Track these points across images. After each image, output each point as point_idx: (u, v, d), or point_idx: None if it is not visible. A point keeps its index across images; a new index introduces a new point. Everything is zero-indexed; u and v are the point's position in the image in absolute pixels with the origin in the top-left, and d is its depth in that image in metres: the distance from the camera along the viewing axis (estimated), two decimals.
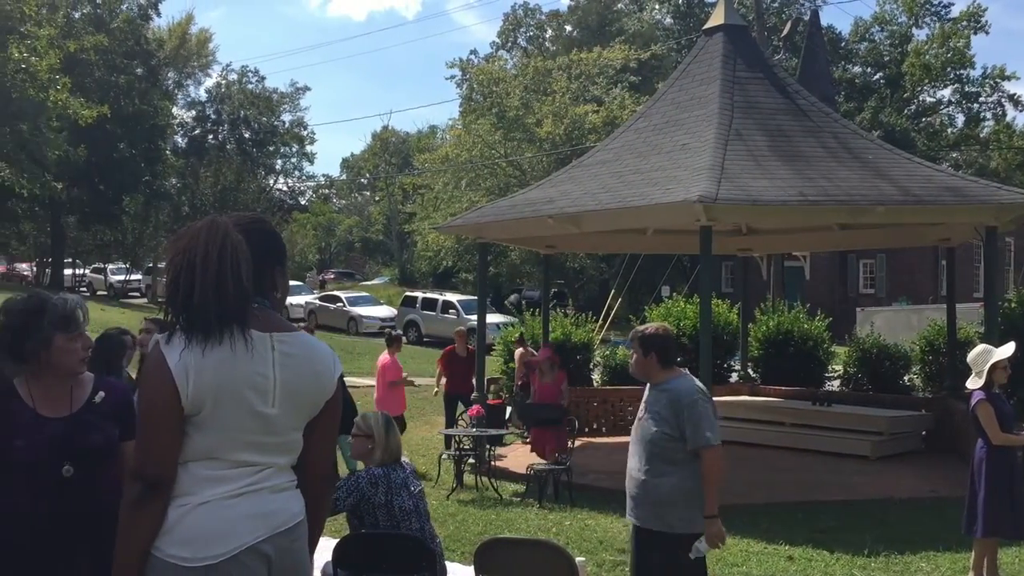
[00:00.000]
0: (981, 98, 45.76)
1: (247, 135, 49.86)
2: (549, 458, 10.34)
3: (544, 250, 15.00)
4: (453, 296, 32.94)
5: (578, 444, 11.23)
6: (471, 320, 22.95)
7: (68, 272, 42.82)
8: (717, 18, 12.76)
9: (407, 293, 35.66)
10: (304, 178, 59.47)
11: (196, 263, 2.44)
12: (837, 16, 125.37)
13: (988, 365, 6.28)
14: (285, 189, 57.55)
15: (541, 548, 4.62)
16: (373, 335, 31.43)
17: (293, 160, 55.79)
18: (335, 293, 37.43)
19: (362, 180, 72.75)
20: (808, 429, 12.44)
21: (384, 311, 34.18)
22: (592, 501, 9.58)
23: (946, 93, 46.61)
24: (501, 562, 4.49)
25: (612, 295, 26.20)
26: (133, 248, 43.91)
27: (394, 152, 66.51)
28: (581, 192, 11.33)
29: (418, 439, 13.26)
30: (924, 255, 32.64)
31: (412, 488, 4.66)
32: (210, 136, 49.00)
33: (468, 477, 10.77)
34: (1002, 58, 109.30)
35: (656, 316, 14.71)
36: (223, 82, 50.18)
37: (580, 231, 11.79)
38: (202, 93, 55.88)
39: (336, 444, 2.90)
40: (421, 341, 29.56)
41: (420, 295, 33.62)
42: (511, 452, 12.25)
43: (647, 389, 4.90)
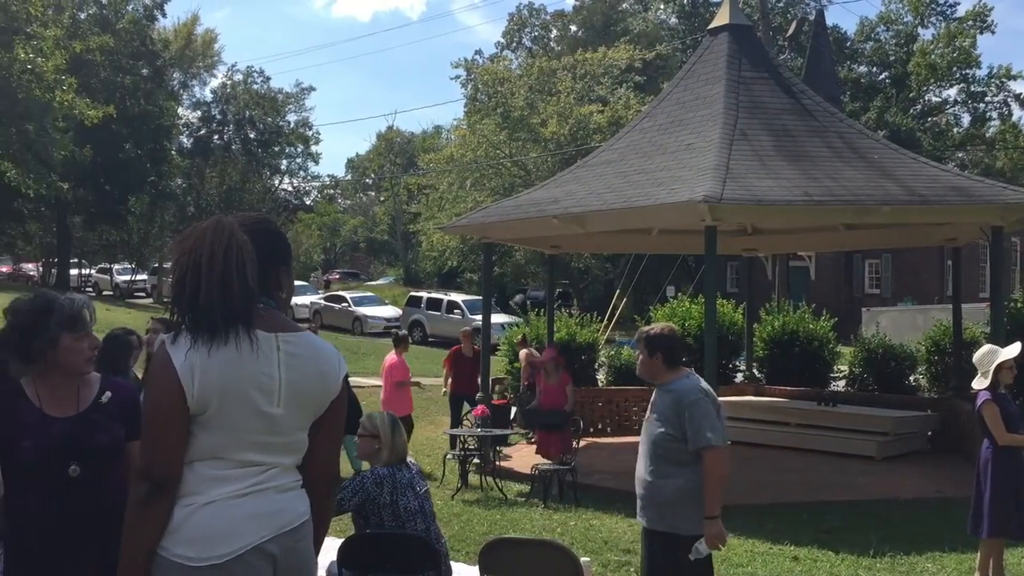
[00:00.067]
0: (987, 98, 45.64)
1: (252, 135, 50.03)
2: (554, 459, 10.35)
3: (549, 250, 14.99)
4: (458, 296, 32.94)
5: (583, 444, 11.23)
6: (476, 320, 22.96)
7: (74, 272, 42.90)
8: (722, 18, 12.75)
9: (412, 293, 35.67)
10: (309, 178, 59.71)
11: (202, 263, 2.45)
12: (842, 16, 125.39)
13: (994, 365, 6.27)
14: (290, 189, 57.75)
15: (546, 548, 4.62)
16: (378, 335, 31.46)
17: (298, 160, 56.03)
18: (340, 293, 37.44)
19: (367, 180, 72.75)
20: (813, 429, 12.43)
21: (389, 311, 34.19)
22: (597, 501, 9.59)
23: (952, 93, 46.54)
24: (506, 562, 4.49)
25: (617, 295, 26.19)
26: (139, 248, 43.97)
27: (399, 152, 66.51)
28: (586, 192, 11.33)
29: (423, 439, 13.27)
30: (930, 255, 32.58)
31: (418, 488, 4.66)
32: (215, 136, 49.17)
33: (473, 477, 10.78)
34: (1008, 57, 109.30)
35: (661, 316, 14.70)
36: (228, 82, 50.39)
37: (585, 231, 11.79)
38: (207, 93, 55.98)
39: (341, 444, 2.90)
40: (426, 341, 29.57)
41: (425, 295, 33.64)
42: (516, 452, 12.25)
43: (655, 390, 4.90)
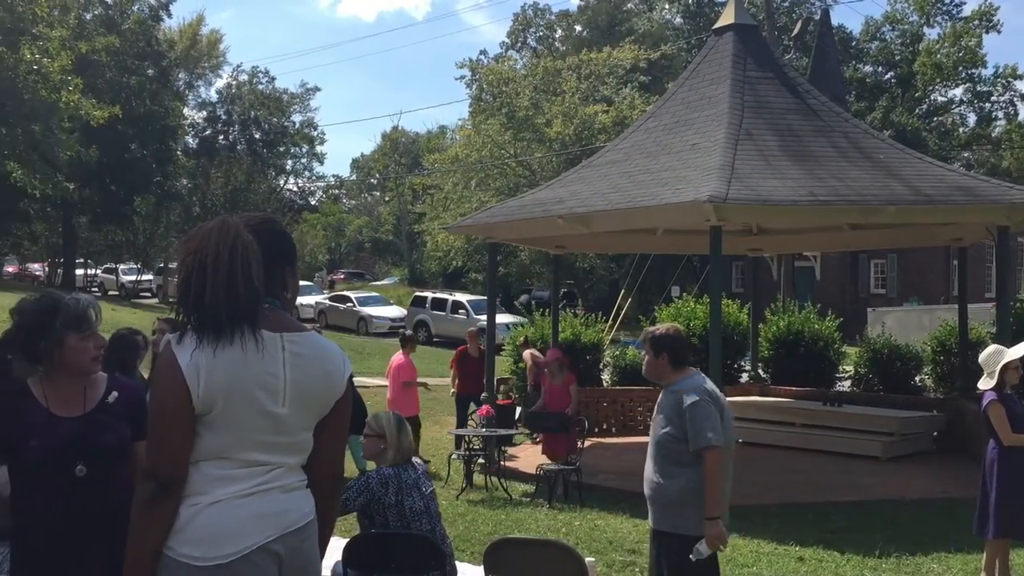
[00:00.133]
0: (993, 97, 45.62)
1: (257, 136, 50.02)
2: (559, 460, 10.33)
3: (554, 250, 14.99)
4: (463, 296, 32.97)
5: (588, 445, 11.22)
6: (480, 320, 22.97)
7: (80, 272, 43.01)
8: (727, 18, 12.74)
9: (417, 293, 35.71)
10: (314, 178, 59.55)
11: (207, 263, 2.45)
12: (848, 15, 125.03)
13: (1000, 366, 6.25)
14: (295, 189, 57.67)
15: (551, 548, 4.62)
16: (383, 335, 31.50)
17: (303, 160, 55.92)
18: (345, 293, 37.48)
19: (372, 180, 72.80)
20: (819, 430, 12.40)
21: (394, 311, 34.22)
22: (602, 501, 9.58)
23: (958, 92, 46.51)
24: (511, 562, 4.49)
25: (622, 295, 26.15)
26: (144, 248, 44.07)
27: (404, 152, 66.56)
28: (591, 192, 11.32)
29: (428, 439, 13.25)
30: (936, 255, 32.50)
31: (423, 489, 4.65)
32: (221, 137, 49.16)
33: (478, 477, 10.78)
34: (1014, 57, 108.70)
35: (666, 316, 14.69)
36: (234, 83, 50.37)
37: (590, 231, 11.78)
38: (213, 94, 56.15)
39: (346, 444, 2.90)
40: (431, 341, 29.58)
41: (430, 295, 33.66)
42: (521, 452, 12.25)
43: (662, 390, 4.89)
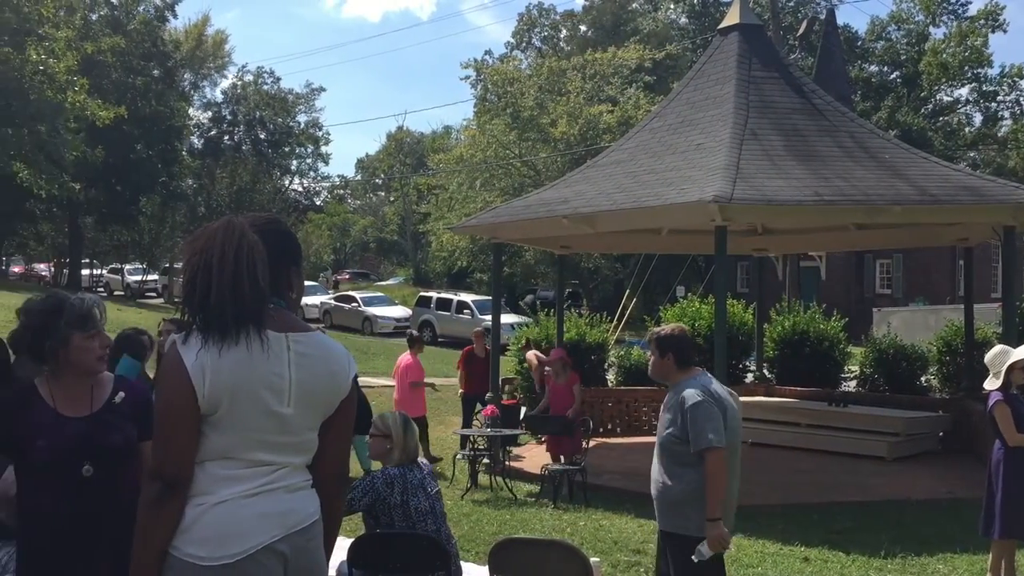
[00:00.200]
0: (999, 97, 45.46)
1: (263, 136, 50.12)
2: (564, 460, 10.33)
3: (559, 250, 14.98)
4: (467, 296, 32.96)
5: (592, 444, 11.21)
6: (485, 320, 22.97)
7: (85, 272, 43.08)
8: (732, 17, 12.73)
9: (422, 293, 35.70)
10: (319, 179, 59.78)
11: (212, 263, 2.45)
12: (853, 15, 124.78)
13: (1006, 366, 6.24)
14: (300, 190, 57.84)
15: (555, 548, 4.61)
16: (388, 335, 31.52)
17: (308, 161, 56.05)
18: (350, 293, 37.51)
19: (377, 180, 72.90)
20: (824, 430, 12.38)
21: (399, 311, 34.24)
22: (606, 501, 9.57)
23: (963, 92, 46.39)
24: (515, 562, 4.49)
25: (627, 295, 26.14)
26: (150, 248, 44.16)
27: (409, 152, 66.62)
28: (596, 192, 11.32)
29: (433, 439, 13.24)
30: (941, 255, 32.44)
31: (429, 489, 4.65)
32: (226, 137, 49.27)
33: (483, 477, 10.78)
34: (1020, 57, 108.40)
35: (671, 316, 14.67)
36: (239, 83, 50.51)
37: (595, 231, 11.78)
38: (218, 94, 56.39)
39: (350, 444, 2.90)
40: (436, 341, 29.58)
41: (435, 295, 33.66)
42: (526, 452, 12.25)
43: (668, 390, 4.88)
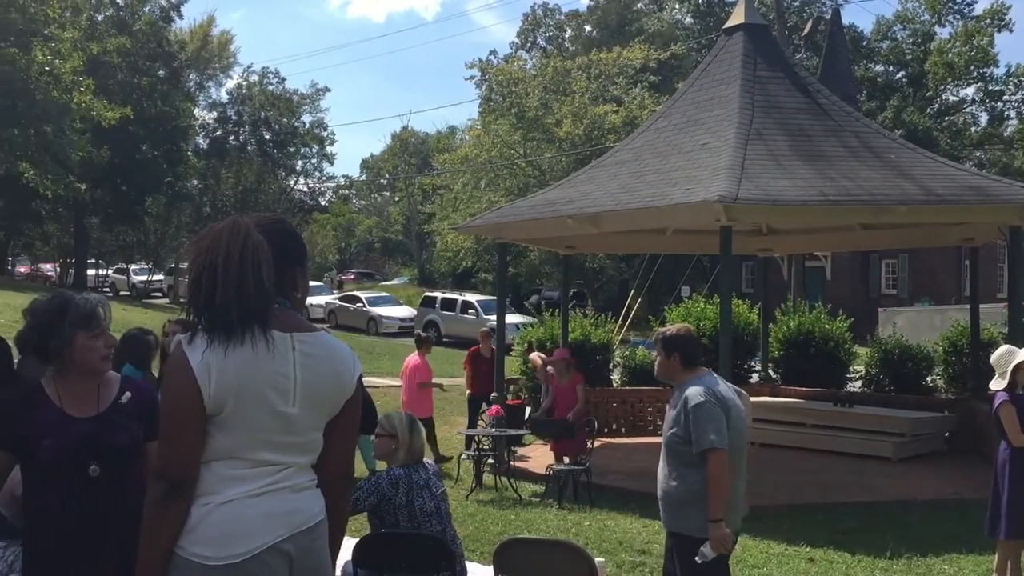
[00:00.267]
0: (1005, 97, 45.39)
1: (268, 136, 50.22)
2: (569, 460, 10.31)
3: (563, 250, 14.96)
4: (472, 296, 32.96)
5: (597, 445, 11.20)
6: (490, 320, 22.97)
7: (91, 272, 43.23)
8: (737, 17, 12.71)
9: (427, 293, 35.72)
10: (324, 179, 59.81)
11: (218, 263, 2.46)
12: (859, 14, 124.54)
13: (1012, 366, 6.22)
14: (305, 190, 57.89)
15: (560, 548, 4.61)
16: (393, 335, 31.54)
17: (313, 161, 56.15)
18: (355, 293, 37.54)
19: (382, 180, 72.94)
20: (829, 430, 12.36)
21: (404, 311, 34.26)
22: (611, 502, 9.57)
23: (969, 92, 46.36)
24: (520, 562, 4.48)
25: (632, 295, 26.13)
26: (155, 249, 44.25)
27: (414, 152, 66.64)
28: (600, 192, 11.31)
29: (438, 439, 13.26)
30: (947, 255, 32.37)
31: (434, 489, 4.65)
32: (231, 137, 49.37)
33: (488, 477, 10.78)
34: None
35: (676, 317, 14.66)
36: (244, 83, 50.61)
37: (600, 231, 11.76)
38: (223, 95, 56.27)
39: (356, 444, 2.90)
40: (440, 341, 29.58)
41: (439, 295, 33.67)
42: (531, 452, 12.24)
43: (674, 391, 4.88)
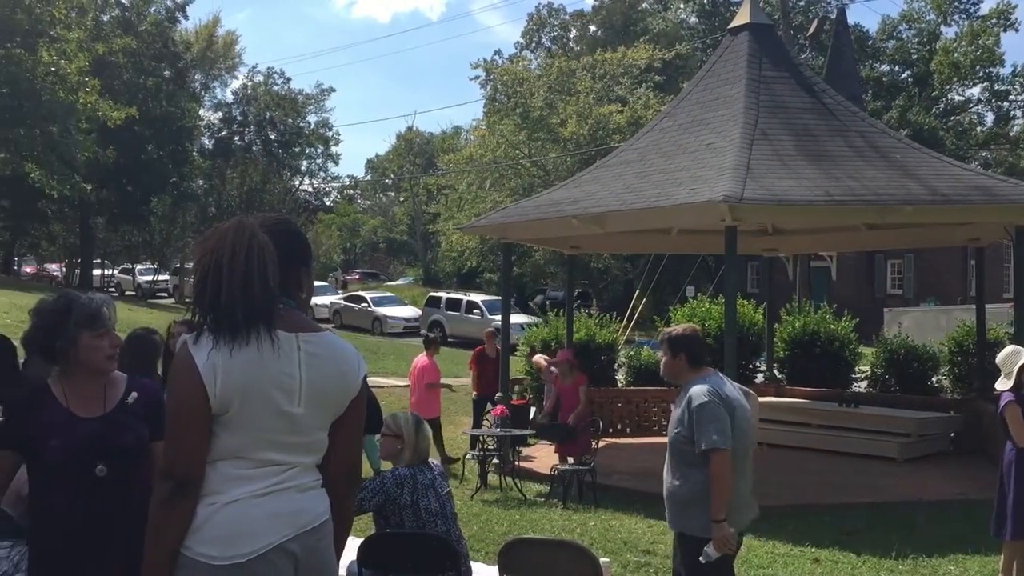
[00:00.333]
0: (1011, 96, 45.24)
1: (273, 136, 50.18)
2: (574, 460, 10.30)
3: (568, 250, 14.96)
4: (477, 296, 32.99)
5: (602, 445, 11.19)
6: (495, 320, 22.99)
7: (97, 273, 43.25)
8: (742, 17, 12.69)
9: (431, 293, 35.75)
10: (329, 179, 59.69)
11: (223, 263, 2.46)
12: (864, 14, 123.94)
13: (1017, 366, 6.18)
14: (310, 190, 57.82)
15: (565, 548, 4.61)
16: (397, 335, 31.55)
17: (318, 161, 56.04)
18: (360, 293, 37.57)
19: (387, 181, 72.97)
20: (835, 431, 12.34)
21: (409, 311, 34.28)
22: (616, 502, 9.56)
23: (975, 91, 46.18)
24: (525, 562, 4.48)
25: (637, 295, 26.12)
26: (161, 249, 44.32)
27: (418, 153, 66.68)
28: (605, 192, 11.30)
29: (444, 439, 13.24)
30: (953, 255, 32.29)
31: (439, 490, 4.64)
32: (236, 137, 49.34)
33: (492, 477, 10.78)
34: None
35: (681, 316, 14.64)
36: (249, 84, 50.56)
37: (604, 231, 11.76)
38: (228, 95, 56.39)
39: (362, 444, 2.90)
40: (445, 341, 29.56)
41: (444, 295, 33.70)
42: (536, 452, 12.23)
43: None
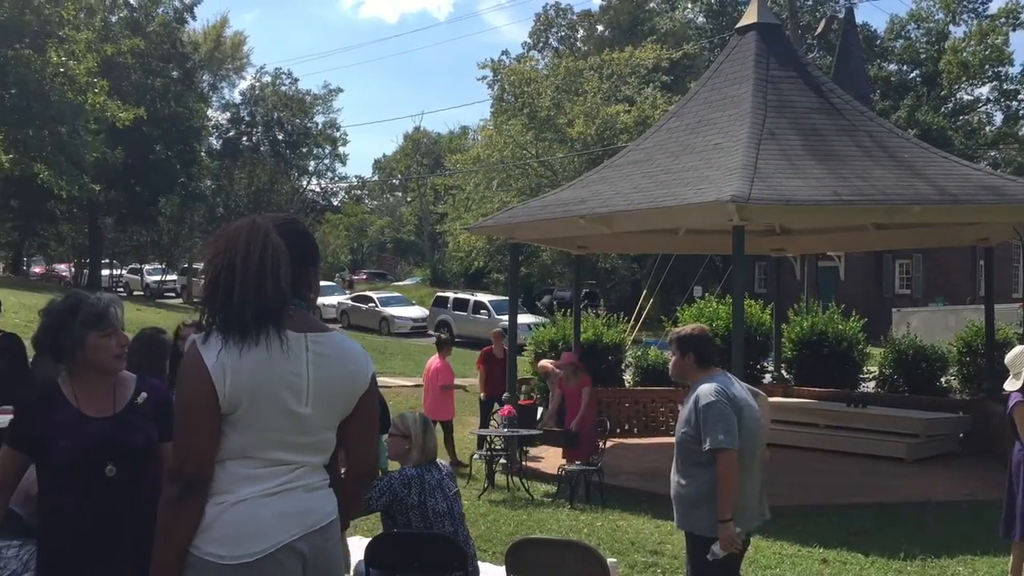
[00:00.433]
0: (1020, 96, 45.07)
1: (280, 137, 50.31)
2: (581, 460, 10.30)
3: (575, 250, 14.95)
4: (484, 296, 32.99)
5: (609, 445, 11.19)
6: (502, 320, 22.99)
7: (105, 273, 43.42)
8: (750, 16, 12.67)
9: (439, 293, 35.77)
10: (336, 179, 59.79)
11: (236, 263, 2.46)
12: (872, 13, 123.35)
13: None
14: (318, 190, 57.92)
15: (572, 549, 4.61)
16: (405, 335, 31.57)
17: (326, 161, 56.15)
18: (367, 293, 37.60)
19: (394, 181, 73.04)
20: (843, 431, 12.31)
21: (416, 311, 34.30)
22: (623, 502, 9.55)
23: (984, 91, 46.03)
24: (532, 562, 4.48)
25: (644, 295, 26.10)
26: (169, 249, 44.44)
27: (426, 153, 66.73)
28: (613, 192, 11.30)
29: (455, 442, 13.23)
30: (961, 255, 32.18)
31: (447, 490, 4.64)
32: (244, 138, 49.47)
33: (500, 477, 10.78)
34: None
35: (688, 317, 14.62)
36: (257, 84, 50.68)
37: (612, 231, 11.75)
38: (236, 95, 56.32)
39: (376, 443, 2.89)
40: (452, 342, 29.58)
41: (451, 295, 33.73)
42: (543, 452, 12.23)
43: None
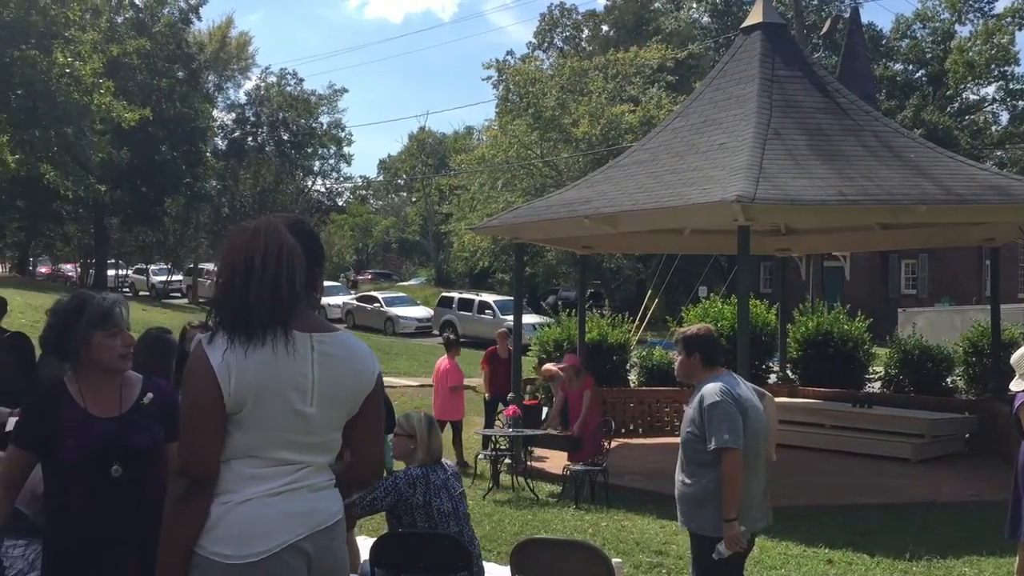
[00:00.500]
0: None
1: (286, 137, 50.34)
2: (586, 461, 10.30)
3: (580, 251, 14.95)
4: (489, 296, 33.02)
5: (614, 445, 11.19)
6: (507, 320, 22.99)
7: (111, 273, 43.50)
8: (755, 16, 12.65)
9: (443, 293, 35.81)
10: (341, 179, 59.83)
11: (256, 262, 2.46)
12: (878, 13, 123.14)
13: None
14: (323, 190, 57.99)
15: (577, 549, 4.61)
16: (410, 335, 31.60)
17: (331, 161, 56.16)
18: (372, 294, 37.65)
19: (399, 181, 73.08)
20: (848, 431, 12.30)
21: (421, 311, 34.34)
22: (628, 502, 9.55)
23: (990, 90, 45.98)
24: (537, 562, 4.48)
25: (649, 296, 26.07)
26: (174, 249, 44.55)
27: (431, 153, 66.76)
28: (617, 192, 11.29)
29: (463, 442, 13.23)
30: (967, 255, 32.11)
31: (452, 490, 4.63)
32: (249, 138, 49.51)
33: (504, 477, 10.78)
34: None
35: (693, 317, 14.61)
36: (262, 84, 50.73)
37: (616, 231, 11.75)
38: (241, 96, 56.53)
39: (383, 443, 2.89)
40: (457, 342, 29.60)
41: (456, 295, 33.75)
42: (548, 452, 12.22)
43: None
